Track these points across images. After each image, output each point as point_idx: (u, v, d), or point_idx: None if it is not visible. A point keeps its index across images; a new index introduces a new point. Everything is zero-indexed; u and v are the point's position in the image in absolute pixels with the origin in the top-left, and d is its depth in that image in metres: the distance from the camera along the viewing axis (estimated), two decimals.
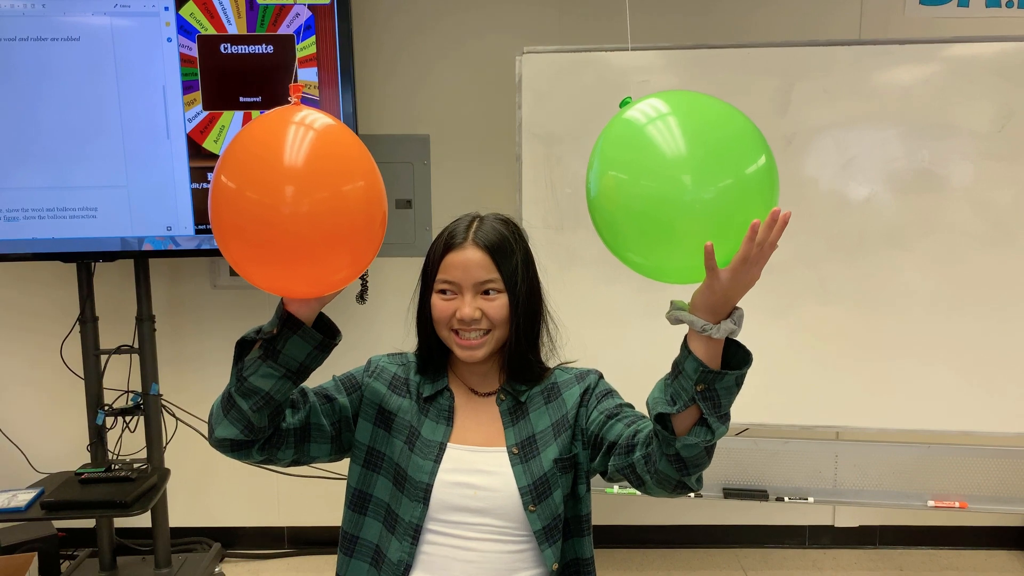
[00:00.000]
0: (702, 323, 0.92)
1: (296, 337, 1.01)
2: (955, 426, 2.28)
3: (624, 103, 0.96)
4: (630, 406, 1.18)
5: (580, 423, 1.17)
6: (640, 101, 0.93)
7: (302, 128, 0.92)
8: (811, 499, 2.45)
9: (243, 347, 1.04)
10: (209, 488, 2.97)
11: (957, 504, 2.40)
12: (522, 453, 1.13)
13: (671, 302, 0.97)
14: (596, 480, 1.25)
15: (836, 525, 3.02)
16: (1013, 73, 2.15)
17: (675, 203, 0.86)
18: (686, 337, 0.95)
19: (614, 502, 2.86)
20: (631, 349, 2.34)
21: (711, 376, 0.93)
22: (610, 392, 1.21)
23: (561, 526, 1.13)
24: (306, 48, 2.38)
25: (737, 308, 0.95)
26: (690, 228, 0.87)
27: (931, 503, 2.41)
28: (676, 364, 0.96)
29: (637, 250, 0.94)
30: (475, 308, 1.11)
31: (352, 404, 1.18)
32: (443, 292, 1.13)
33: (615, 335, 2.34)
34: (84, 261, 2.47)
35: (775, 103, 2.24)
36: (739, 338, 0.97)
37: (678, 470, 0.98)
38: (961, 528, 2.99)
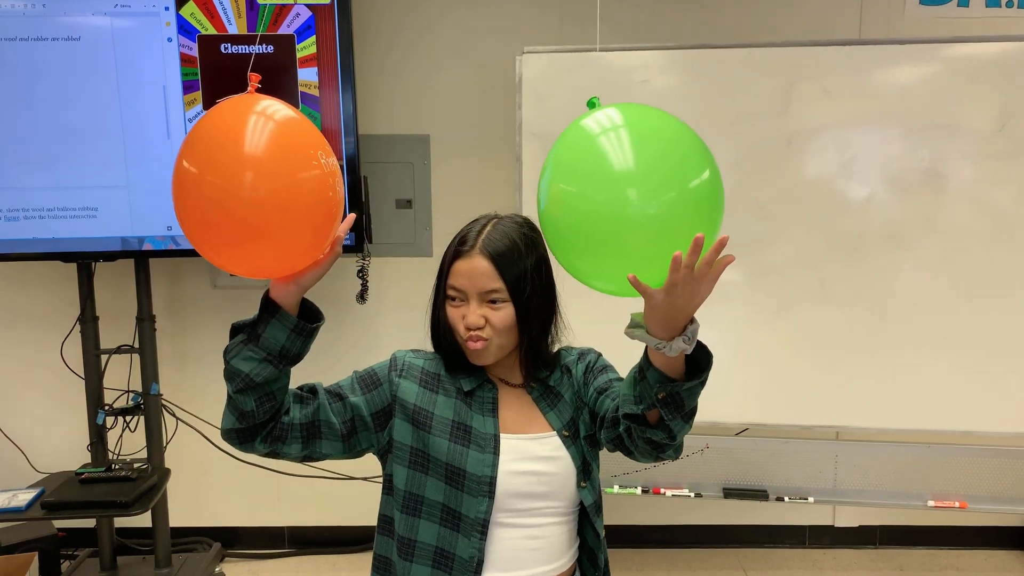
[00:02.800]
0: (656, 341, 0.93)
1: (275, 320, 1.04)
2: (955, 426, 2.28)
3: (591, 103, 0.96)
4: (620, 380, 1.21)
5: (587, 400, 1.22)
6: (596, 111, 0.92)
7: (262, 118, 0.97)
8: (811, 499, 2.45)
9: (235, 333, 1.07)
10: (209, 488, 2.97)
11: (957, 504, 2.40)
12: (571, 435, 1.19)
13: (631, 316, 0.97)
14: None
15: (836, 525, 3.02)
16: (1013, 73, 2.15)
17: (620, 217, 0.86)
18: (647, 348, 0.98)
19: (614, 502, 2.86)
20: (632, 345, 2.34)
21: (672, 384, 0.96)
22: (605, 368, 1.25)
23: (601, 500, 1.23)
24: (306, 48, 2.38)
25: (692, 322, 0.95)
26: (635, 242, 0.87)
27: (931, 503, 2.41)
28: (640, 366, 1.00)
29: (587, 265, 0.94)
30: (479, 316, 1.12)
31: (368, 404, 1.16)
32: (453, 299, 1.15)
33: (617, 336, 2.33)
34: (84, 261, 2.47)
35: (775, 103, 2.24)
36: (713, 343, 1.02)
37: (654, 451, 1.07)
38: (961, 528, 2.98)
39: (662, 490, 2.47)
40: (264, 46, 2.38)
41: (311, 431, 1.12)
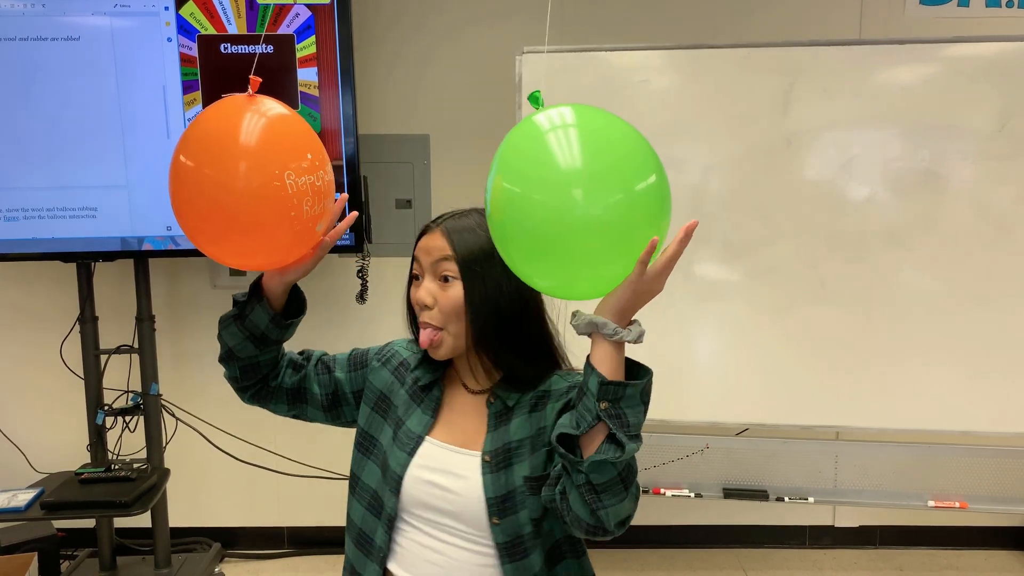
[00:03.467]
0: (614, 327, 0.91)
1: (259, 307, 1.11)
2: (955, 426, 2.28)
3: (533, 98, 0.94)
4: None
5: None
6: (545, 110, 0.91)
7: (256, 114, 0.99)
8: (811, 499, 2.45)
9: (234, 305, 1.14)
10: (209, 488, 2.97)
11: (957, 504, 2.40)
12: (494, 462, 1.07)
13: (573, 313, 0.95)
14: None
15: (836, 525, 3.02)
16: (1013, 73, 2.15)
17: (566, 219, 0.85)
18: (588, 357, 0.93)
19: None
20: (630, 348, 2.34)
21: (613, 389, 0.90)
22: None
23: (526, 547, 1.06)
24: (306, 48, 2.38)
25: (636, 320, 0.94)
26: (581, 244, 0.86)
27: (931, 503, 2.41)
28: (579, 389, 0.94)
29: (534, 266, 0.92)
30: (428, 293, 1.07)
31: (351, 382, 1.21)
32: (413, 278, 1.11)
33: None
34: (84, 261, 2.47)
35: (775, 103, 2.24)
36: (645, 359, 0.97)
37: (590, 503, 0.91)
38: (961, 528, 2.99)
39: (662, 490, 2.46)
40: (265, 46, 2.38)
41: (297, 396, 1.20)
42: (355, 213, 1.15)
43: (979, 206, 2.21)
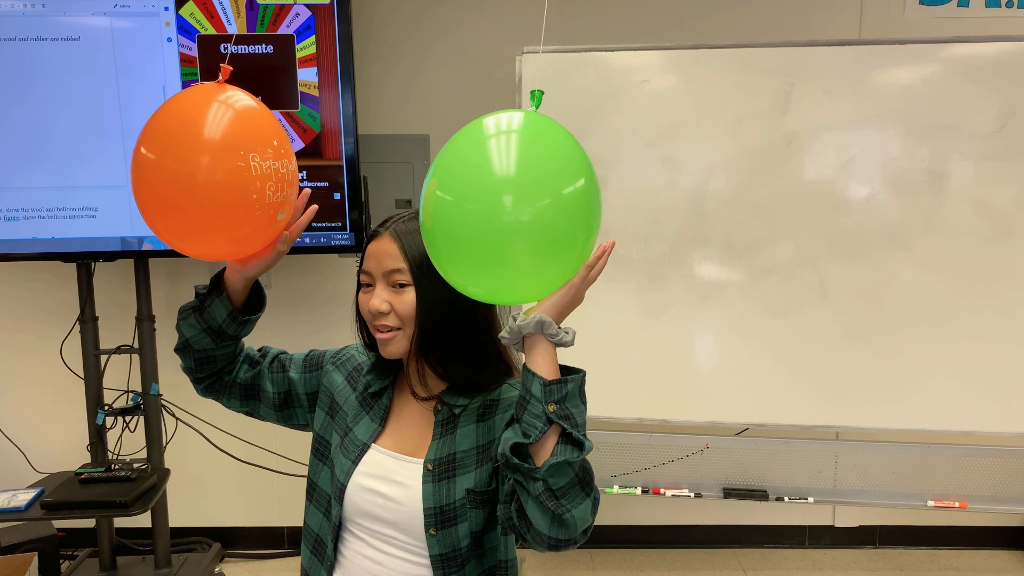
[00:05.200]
0: (557, 328, 0.92)
1: (218, 301, 1.10)
2: (955, 426, 2.28)
3: (534, 96, 0.95)
4: None
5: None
6: (485, 118, 0.92)
7: (223, 106, 1.00)
8: (811, 499, 2.45)
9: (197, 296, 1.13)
10: (209, 488, 2.97)
11: (957, 504, 2.40)
12: (436, 471, 1.04)
13: (512, 317, 0.95)
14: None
15: (836, 525, 3.02)
16: (1013, 73, 2.15)
17: (496, 226, 0.86)
18: (524, 365, 0.93)
19: (614, 502, 2.86)
20: (630, 348, 2.34)
21: (557, 388, 0.90)
22: None
23: (461, 560, 1.04)
24: (306, 48, 2.38)
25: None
26: (511, 249, 0.87)
27: (931, 503, 2.41)
28: (520, 401, 0.92)
29: (467, 275, 0.92)
30: (383, 300, 1.03)
31: (304, 383, 1.19)
32: (363, 286, 1.08)
33: (618, 335, 2.34)
34: (84, 261, 2.47)
35: (775, 103, 2.24)
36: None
37: (552, 510, 0.88)
38: (961, 528, 2.99)
39: (662, 490, 2.46)
40: (234, 45, 2.37)
41: (250, 392, 1.18)
42: (315, 207, 1.13)
43: (979, 206, 2.21)
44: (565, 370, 0.94)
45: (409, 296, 1.03)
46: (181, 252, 1.04)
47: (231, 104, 1.00)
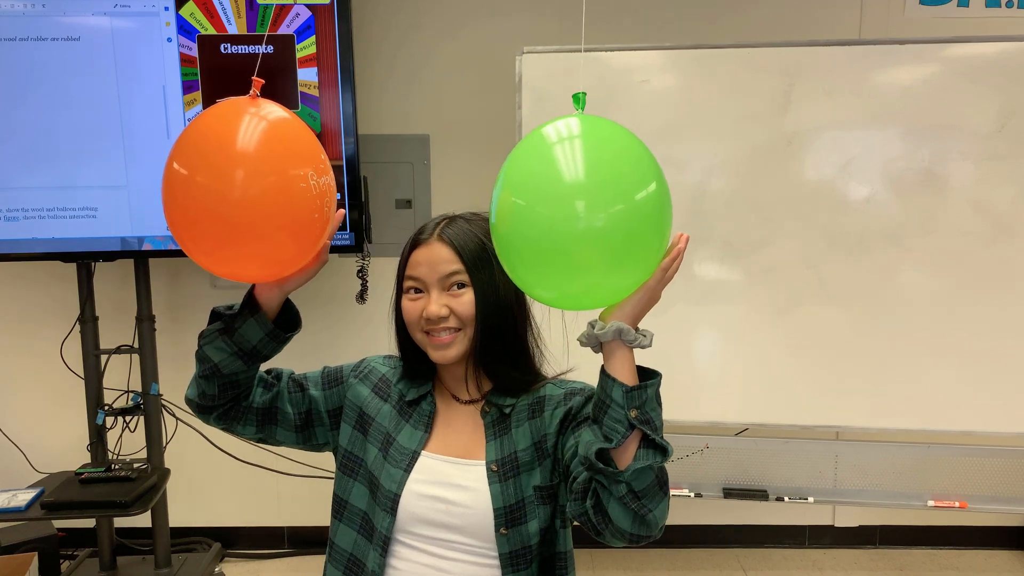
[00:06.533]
0: (635, 333, 0.91)
1: (252, 320, 1.04)
2: (955, 426, 2.28)
3: (576, 98, 0.95)
4: None
5: (559, 453, 1.06)
6: (553, 122, 0.92)
7: (256, 118, 0.95)
8: (811, 499, 2.45)
9: (214, 317, 1.07)
10: (209, 488, 2.97)
11: (957, 504, 2.40)
12: (501, 472, 1.06)
13: (591, 323, 0.94)
14: None
15: (836, 525, 3.02)
16: (1013, 73, 2.15)
17: (569, 231, 0.85)
18: (603, 369, 0.92)
19: None
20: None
21: (638, 395, 0.90)
22: None
23: (531, 557, 1.06)
24: (306, 48, 2.38)
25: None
26: (584, 255, 0.86)
27: (931, 503, 2.41)
28: (599, 404, 0.92)
29: (540, 279, 0.92)
30: (442, 305, 1.04)
31: (327, 400, 1.16)
32: (411, 292, 1.08)
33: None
34: (84, 261, 2.47)
35: (775, 103, 2.24)
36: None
37: (636, 511, 0.90)
38: (961, 528, 2.99)
39: None
40: (266, 47, 2.38)
41: (267, 416, 1.13)
42: (342, 211, 1.11)
43: (979, 206, 2.21)
44: (641, 371, 0.94)
45: (468, 297, 1.05)
46: (234, 278, 1.00)
47: (278, 122, 0.97)
